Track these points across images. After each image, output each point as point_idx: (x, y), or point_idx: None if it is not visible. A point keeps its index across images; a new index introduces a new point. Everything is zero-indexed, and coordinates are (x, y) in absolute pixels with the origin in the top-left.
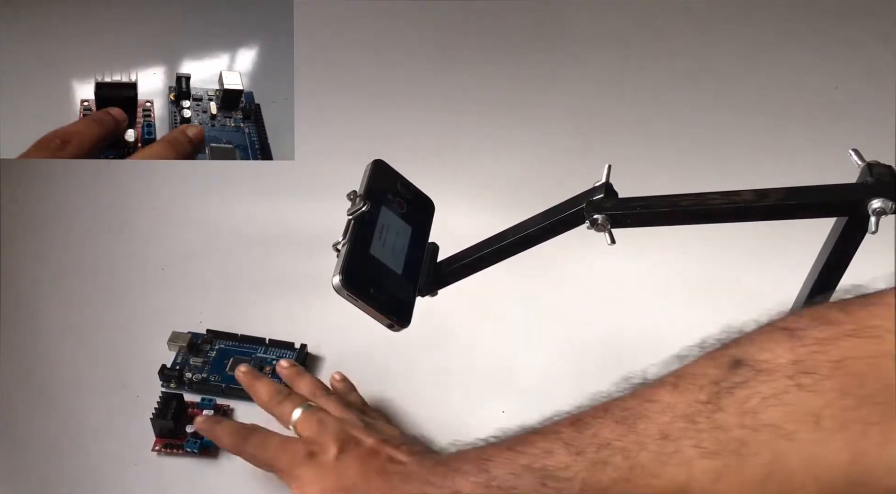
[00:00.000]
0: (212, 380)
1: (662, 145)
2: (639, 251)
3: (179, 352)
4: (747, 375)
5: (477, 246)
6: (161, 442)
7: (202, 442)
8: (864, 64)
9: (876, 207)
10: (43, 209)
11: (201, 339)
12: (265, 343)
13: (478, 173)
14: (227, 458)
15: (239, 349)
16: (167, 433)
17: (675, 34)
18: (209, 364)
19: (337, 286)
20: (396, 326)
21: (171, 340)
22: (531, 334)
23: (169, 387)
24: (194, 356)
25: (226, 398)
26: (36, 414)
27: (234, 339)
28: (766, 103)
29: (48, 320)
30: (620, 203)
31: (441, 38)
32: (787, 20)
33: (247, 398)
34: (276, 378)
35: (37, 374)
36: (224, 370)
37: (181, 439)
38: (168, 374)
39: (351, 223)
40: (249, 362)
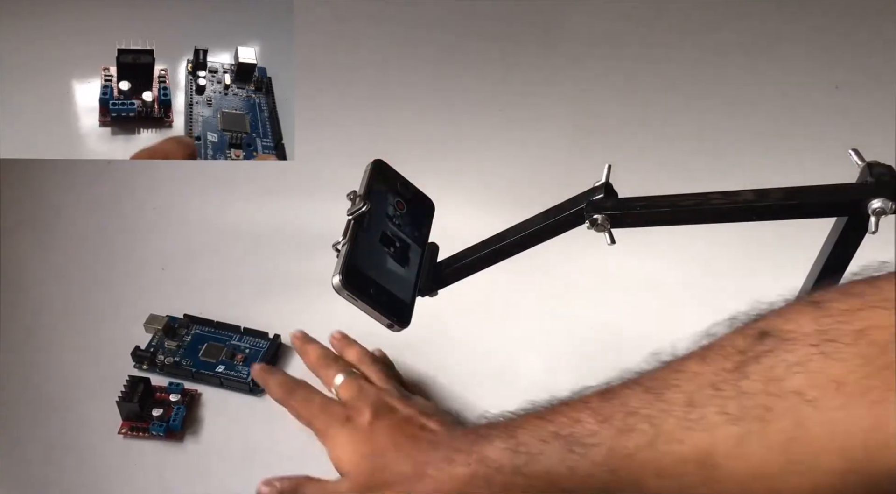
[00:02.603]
0: (183, 364)
1: (662, 145)
2: (639, 251)
3: (155, 335)
4: (773, 344)
5: (477, 246)
6: (127, 426)
7: (168, 425)
8: (864, 64)
9: (876, 207)
10: (43, 209)
11: (178, 323)
12: (240, 331)
13: (478, 173)
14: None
15: (214, 335)
16: (133, 416)
17: (675, 34)
18: (183, 348)
19: (337, 286)
20: (396, 326)
21: (147, 322)
22: (531, 334)
23: (141, 368)
24: (169, 340)
25: (194, 382)
26: (36, 415)
27: (210, 325)
28: (766, 103)
29: (48, 319)
30: (620, 203)
31: (441, 38)
32: (787, 20)
33: (214, 384)
34: (249, 364)
35: (36, 374)
36: (197, 356)
37: (147, 422)
38: (141, 355)
39: (351, 223)
40: (224, 349)
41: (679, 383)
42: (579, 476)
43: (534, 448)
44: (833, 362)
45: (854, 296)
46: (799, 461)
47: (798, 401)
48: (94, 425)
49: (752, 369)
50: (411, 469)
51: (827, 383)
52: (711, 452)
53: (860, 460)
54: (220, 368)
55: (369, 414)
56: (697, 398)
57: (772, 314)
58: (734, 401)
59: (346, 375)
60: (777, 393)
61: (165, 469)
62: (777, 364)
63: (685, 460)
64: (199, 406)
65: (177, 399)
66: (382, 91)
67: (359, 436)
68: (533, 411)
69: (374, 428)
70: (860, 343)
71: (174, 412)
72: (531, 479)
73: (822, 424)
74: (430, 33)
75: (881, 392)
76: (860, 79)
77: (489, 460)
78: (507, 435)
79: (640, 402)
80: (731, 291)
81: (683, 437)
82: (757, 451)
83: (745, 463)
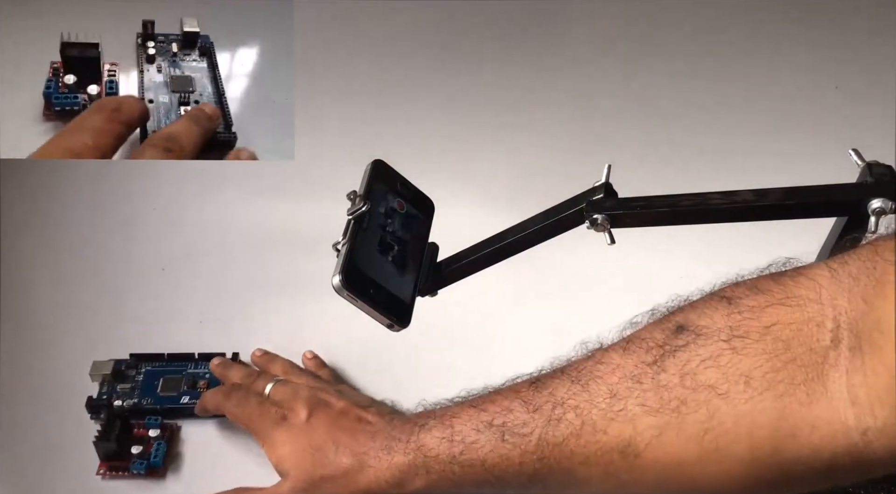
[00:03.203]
0: (145, 404)
1: (662, 145)
2: (639, 251)
3: (104, 382)
4: (688, 339)
5: (477, 246)
6: (106, 466)
7: (149, 463)
8: (864, 64)
9: (876, 207)
10: (43, 209)
11: (126, 364)
12: (194, 358)
13: (478, 173)
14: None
15: (167, 368)
16: (112, 455)
17: (675, 34)
18: (138, 388)
19: (337, 286)
20: (396, 326)
21: (92, 371)
22: (531, 334)
23: (99, 419)
24: (121, 384)
25: (164, 418)
26: (36, 415)
27: (159, 359)
28: (766, 103)
29: (48, 319)
30: (620, 203)
31: (441, 38)
32: (787, 20)
33: (186, 415)
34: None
35: (36, 374)
36: (155, 392)
37: (126, 461)
38: (96, 405)
39: (351, 223)
40: (182, 379)
41: (602, 374)
42: (512, 464)
43: (469, 438)
44: (742, 357)
45: (762, 292)
46: (713, 449)
47: (711, 394)
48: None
49: (669, 363)
50: (351, 461)
51: (737, 377)
52: (633, 442)
53: (768, 449)
54: (186, 398)
55: (304, 411)
56: (619, 390)
57: (688, 307)
58: (653, 394)
59: (275, 381)
60: (692, 387)
61: None
62: (692, 359)
63: (609, 449)
64: (178, 441)
65: (156, 435)
66: (382, 91)
67: (296, 433)
68: (468, 399)
69: (310, 424)
70: (766, 339)
71: (154, 448)
72: (466, 467)
73: (733, 416)
74: (430, 33)
75: (786, 386)
76: (860, 79)
77: (426, 448)
78: (444, 425)
79: (568, 393)
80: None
81: (607, 428)
82: (675, 441)
83: (664, 452)
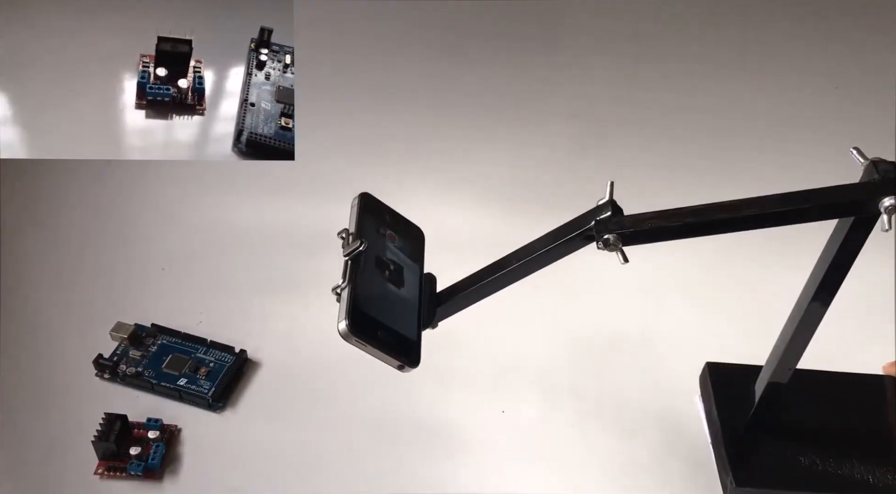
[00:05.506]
0: (145, 375)
1: (662, 146)
2: (640, 253)
3: (121, 343)
4: None
5: (479, 273)
6: (104, 466)
7: (146, 465)
8: (864, 64)
9: (889, 205)
10: (43, 209)
11: (146, 332)
12: (207, 344)
13: (478, 173)
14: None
15: (181, 346)
16: (110, 455)
17: (675, 35)
18: (147, 358)
19: (344, 333)
20: (407, 367)
21: (114, 330)
22: (531, 334)
23: (102, 377)
24: (134, 349)
25: (153, 394)
26: (36, 414)
27: (177, 336)
28: (766, 103)
29: (48, 319)
30: (630, 220)
31: (442, 38)
32: (787, 20)
33: (174, 397)
34: (211, 378)
35: (35, 374)
36: (160, 367)
37: (124, 461)
38: (103, 364)
39: (348, 265)
40: (188, 361)
41: None
42: None
43: None
44: None
45: None
46: None
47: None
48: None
49: None
50: None
51: None
52: None
53: None
54: (182, 381)
55: None
56: None
57: None
58: None
59: None
60: None
61: None
62: None
63: None
64: (177, 442)
65: (155, 436)
66: (382, 91)
67: None
68: None
69: None
70: None
71: (153, 449)
72: None
73: None
74: (430, 34)
75: None
76: (860, 79)
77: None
78: None
79: None
80: (731, 291)
81: None
82: None
83: None
